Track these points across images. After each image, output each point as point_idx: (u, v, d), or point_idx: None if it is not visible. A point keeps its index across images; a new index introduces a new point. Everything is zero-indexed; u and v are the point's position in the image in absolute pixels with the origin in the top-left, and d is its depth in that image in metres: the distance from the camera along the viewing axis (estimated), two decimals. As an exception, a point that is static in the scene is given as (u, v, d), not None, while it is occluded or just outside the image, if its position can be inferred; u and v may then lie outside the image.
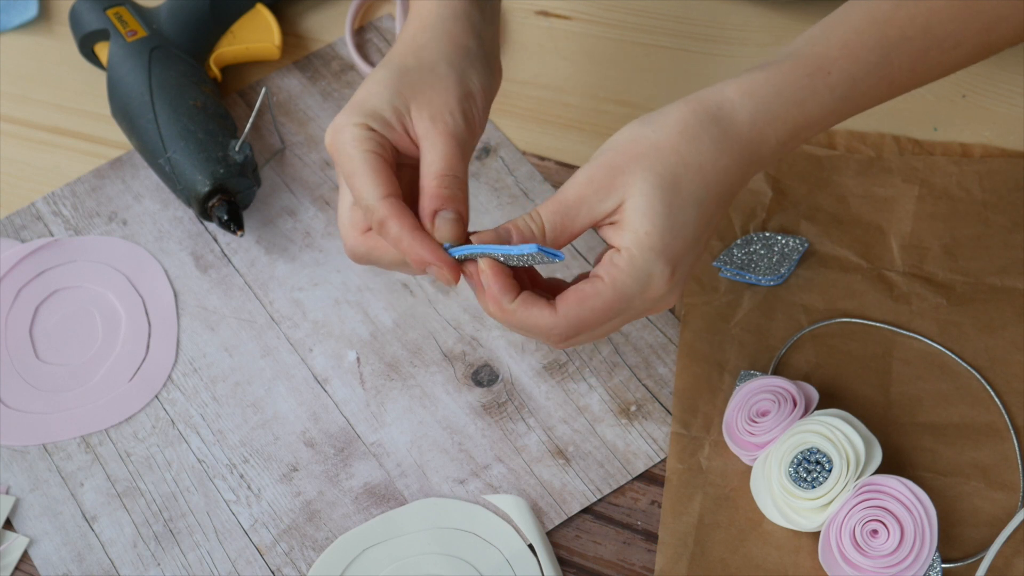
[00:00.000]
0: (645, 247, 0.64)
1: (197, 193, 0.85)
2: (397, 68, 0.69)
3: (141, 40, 0.90)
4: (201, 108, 0.87)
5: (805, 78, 0.66)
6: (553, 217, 0.65)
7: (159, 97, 0.87)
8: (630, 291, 0.65)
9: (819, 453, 0.72)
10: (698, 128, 0.65)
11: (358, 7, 0.98)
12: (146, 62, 0.89)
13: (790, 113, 0.66)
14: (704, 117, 0.65)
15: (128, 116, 0.88)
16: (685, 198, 0.65)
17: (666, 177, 0.64)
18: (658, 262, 0.64)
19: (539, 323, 0.65)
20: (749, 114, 0.66)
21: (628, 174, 0.64)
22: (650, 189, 0.64)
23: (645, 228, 0.64)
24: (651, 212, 0.64)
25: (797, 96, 0.66)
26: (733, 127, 0.66)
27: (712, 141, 0.65)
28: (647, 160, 0.64)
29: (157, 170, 0.87)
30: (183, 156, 0.85)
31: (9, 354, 0.84)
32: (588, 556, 0.75)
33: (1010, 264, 0.82)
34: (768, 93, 0.66)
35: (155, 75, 0.88)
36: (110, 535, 0.77)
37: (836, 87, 0.67)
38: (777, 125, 0.66)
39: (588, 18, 0.97)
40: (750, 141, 0.66)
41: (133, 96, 0.88)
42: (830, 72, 0.67)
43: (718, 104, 0.66)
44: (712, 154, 0.65)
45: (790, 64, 0.67)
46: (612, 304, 0.65)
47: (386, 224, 0.66)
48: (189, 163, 0.85)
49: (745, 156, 0.66)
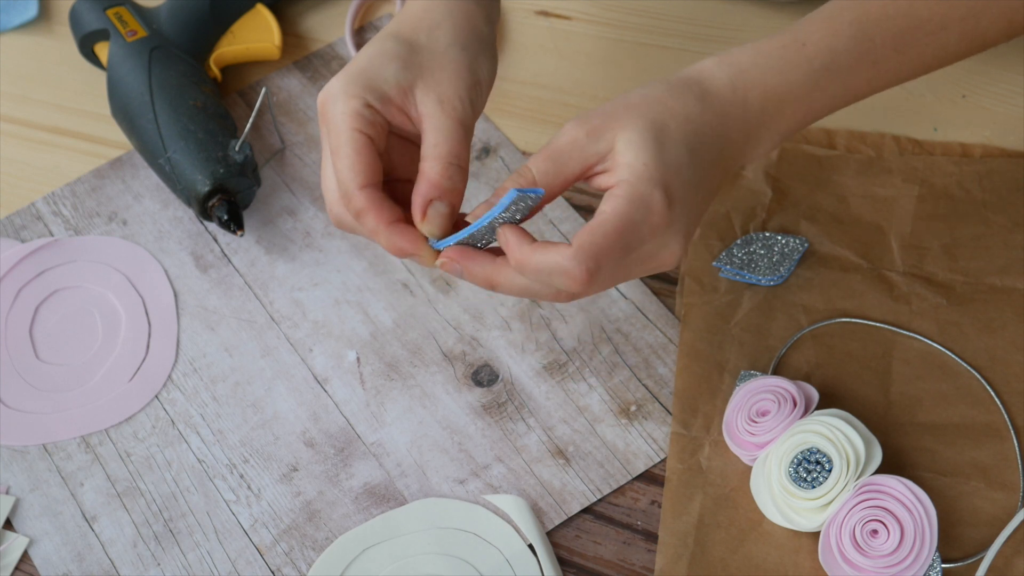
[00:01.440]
0: (641, 176, 0.64)
1: (197, 193, 0.85)
2: (407, 43, 0.69)
3: (141, 40, 0.90)
4: (201, 108, 0.87)
5: (780, 48, 0.69)
6: (544, 164, 0.65)
7: (159, 97, 0.87)
8: (634, 216, 0.64)
9: (819, 453, 0.72)
10: (682, 88, 0.67)
11: (358, 7, 0.98)
12: (146, 62, 0.89)
13: (768, 79, 0.68)
14: (687, 81, 0.68)
15: (128, 116, 0.88)
16: (676, 139, 0.66)
17: (656, 121, 0.66)
18: (655, 190, 0.64)
19: (559, 262, 0.63)
20: (728, 78, 0.68)
21: (619, 119, 0.65)
22: (643, 127, 0.65)
23: (642, 160, 0.64)
24: (644, 146, 0.65)
25: (775, 64, 0.68)
26: (713, 87, 0.68)
27: (696, 98, 0.67)
28: (637, 108, 0.66)
29: (157, 170, 0.87)
30: (183, 156, 0.85)
31: (9, 354, 0.84)
32: (588, 556, 0.75)
33: (1010, 264, 0.82)
34: (744, 61, 0.68)
35: (155, 75, 0.88)
36: (110, 535, 0.77)
37: (814, 58, 0.68)
38: (757, 91, 0.68)
39: (588, 18, 0.97)
40: (732, 103, 0.68)
41: (133, 96, 0.88)
42: (805, 44, 0.69)
43: (698, 71, 0.68)
44: (697, 108, 0.67)
45: (767, 38, 0.69)
46: (621, 230, 0.63)
47: (363, 216, 0.66)
48: (189, 163, 0.85)
49: (731, 116, 0.68)
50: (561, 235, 0.86)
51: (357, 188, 0.66)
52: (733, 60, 0.69)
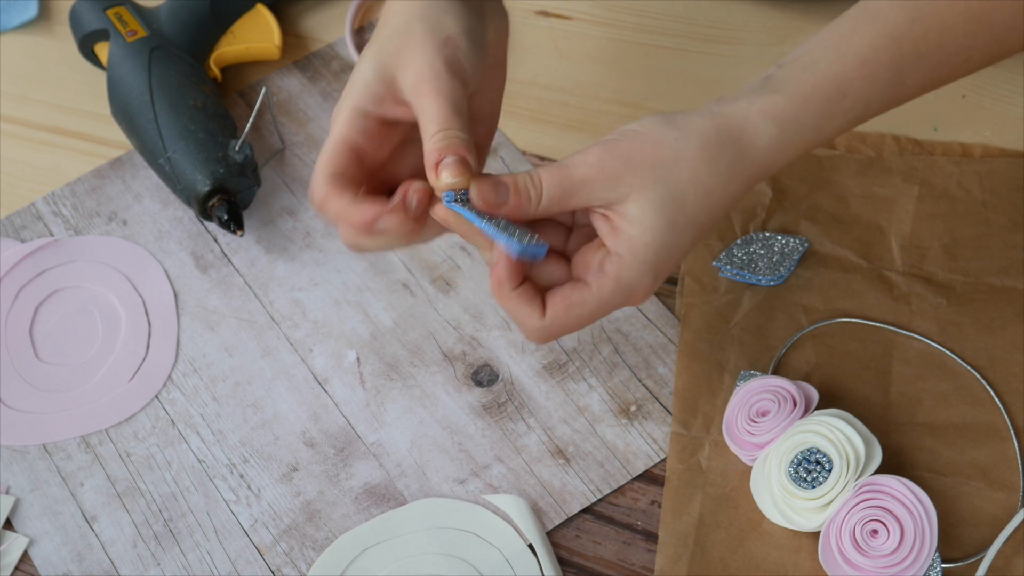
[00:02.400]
0: (639, 259, 0.65)
1: (197, 193, 0.85)
2: (376, 41, 0.68)
3: (141, 40, 0.90)
4: (201, 108, 0.87)
5: (824, 103, 0.66)
6: (554, 190, 0.65)
7: (159, 97, 0.87)
8: (615, 300, 0.66)
9: (819, 453, 0.72)
10: (717, 149, 0.65)
11: (358, 7, 0.98)
12: (146, 62, 0.89)
13: (806, 138, 0.67)
14: (725, 137, 0.65)
15: (128, 116, 0.88)
16: (688, 218, 0.65)
17: (675, 194, 0.64)
18: (647, 275, 0.65)
19: (527, 321, 0.66)
20: (768, 140, 0.66)
21: (640, 175, 0.64)
22: (659, 201, 0.64)
23: (644, 240, 0.64)
24: (652, 227, 0.64)
25: (816, 122, 0.67)
26: (751, 152, 0.66)
27: (728, 166, 0.65)
28: (663, 170, 0.64)
29: (157, 170, 0.87)
30: (183, 156, 0.85)
31: (9, 354, 0.84)
32: (588, 556, 0.75)
33: (1010, 264, 0.82)
34: (789, 120, 0.66)
35: (155, 75, 0.88)
36: (110, 535, 0.77)
37: (851, 110, 0.67)
38: (791, 151, 0.67)
39: (588, 18, 0.97)
40: (762, 166, 0.66)
41: (133, 96, 0.88)
42: (846, 95, 0.67)
43: (740, 127, 0.66)
44: (724, 179, 0.65)
45: (811, 85, 0.66)
46: (595, 312, 0.66)
47: (325, 204, 0.66)
48: (189, 163, 0.85)
49: (754, 179, 0.67)
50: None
51: (321, 179, 0.66)
52: (779, 116, 0.66)
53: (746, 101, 0.66)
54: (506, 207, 0.65)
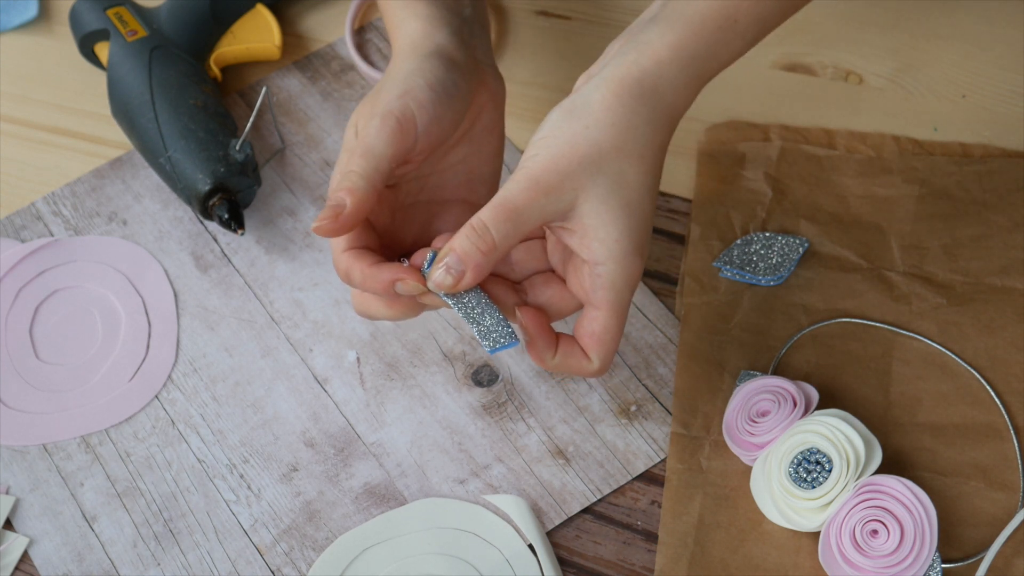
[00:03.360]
0: (619, 254, 0.65)
1: (198, 192, 0.85)
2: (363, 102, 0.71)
3: (141, 40, 0.90)
4: (201, 107, 0.87)
5: (717, 32, 0.67)
6: (504, 227, 0.65)
7: (159, 96, 0.87)
8: (625, 298, 0.67)
9: (819, 453, 0.72)
10: (630, 115, 0.66)
11: (358, 7, 0.98)
12: (146, 61, 0.89)
13: (706, 68, 0.67)
14: (630, 100, 0.66)
15: (128, 115, 0.88)
16: (638, 190, 0.66)
17: (616, 177, 0.65)
18: (634, 259, 0.66)
19: (582, 371, 0.69)
20: (671, 83, 0.66)
21: (576, 177, 0.65)
22: (604, 193, 0.65)
23: (614, 235, 0.65)
24: (614, 218, 0.65)
25: (712, 51, 0.67)
26: (660, 101, 0.66)
27: (646, 124, 0.66)
28: (592, 163, 0.65)
29: (157, 169, 0.87)
30: (184, 155, 0.85)
31: (9, 354, 0.84)
32: (588, 556, 0.75)
33: (1010, 264, 0.82)
34: (684, 58, 0.66)
35: (155, 74, 0.88)
36: (110, 535, 0.77)
37: (746, 32, 0.68)
38: (696, 84, 0.67)
39: (588, 18, 0.97)
40: (674, 106, 0.67)
41: (133, 95, 0.88)
42: (738, 20, 0.67)
43: (638, 80, 0.66)
44: (648, 136, 0.66)
45: (700, 19, 0.66)
46: (621, 320, 0.67)
47: (351, 274, 0.68)
48: (190, 162, 0.85)
49: (674, 121, 0.67)
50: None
51: (339, 253, 0.68)
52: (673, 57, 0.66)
53: (636, 52, 0.66)
54: (467, 277, 0.66)
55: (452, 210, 0.74)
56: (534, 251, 0.71)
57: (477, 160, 0.74)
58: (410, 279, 0.66)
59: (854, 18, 0.95)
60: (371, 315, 0.71)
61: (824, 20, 0.95)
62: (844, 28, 0.95)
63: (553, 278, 0.70)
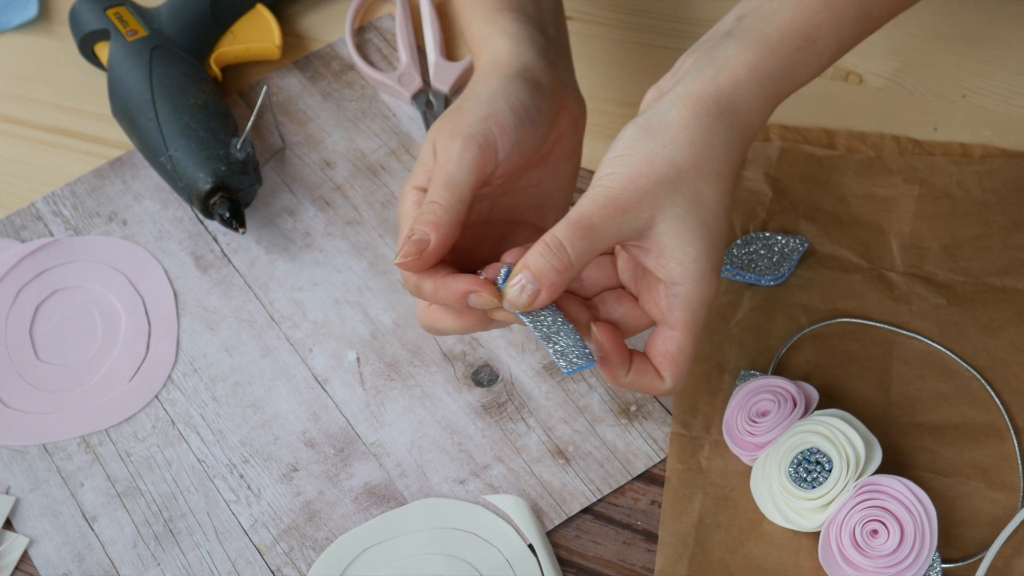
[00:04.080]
0: (697, 275, 0.64)
1: (199, 191, 0.85)
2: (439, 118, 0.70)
3: (142, 39, 0.90)
4: (202, 107, 0.87)
5: (795, 52, 0.66)
6: (581, 244, 0.63)
7: (160, 95, 0.87)
8: (700, 318, 0.65)
9: (819, 453, 0.72)
10: (707, 134, 0.64)
11: (358, 7, 0.98)
12: (147, 61, 0.89)
13: (782, 88, 0.66)
14: (707, 119, 0.65)
15: (129, 115, 0.88)
16: (715, 210, 0.64)
17: (692, 197, 0.64)
18: (711, 279, 0.65)
19: (653, 390, 0.67)
20: (747, 102, 0.65)
21: (653, 196, 0.63)
22: (682, 213, 0.63)
23: (691, 255, 0.64)
24: (692, 238, 0.64)
25: (789, 71, 0.66)
26: (736, 120, 0.65)
27: (723, 143, 0.65)
28: (669, 182, 0.64)
29: (158, 168, 0.87)
30: (184, 154, 0.85)
31: (9, 354, 0.84)
32: (588, 556, 0.75)
33: (1010, 264, 0.82)
34: (761, 77, 0.65)
35: (156, 73, 0.88)
36: (110, 535, 0.77)
37: (823, 53, 0.67)
38: (771, 104, 0.67)
39: (588, 18, 0.97)
40: (750, 125, 0.66)
41: (134, 95, 0.88)
42: (816, 41, 0.66)
43: (716, 99, 0.65)
44: (725, 155, 0.65)
45: (777, 37, 0.66)
46: (695, 340, 0.66)
47: (421, 286, 0.66)
48: (191, 161, 0.85)
49: (748, 141, 0.67)
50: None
51: None
52: (751, 77, 0.65)
53: (713, 69, 0.65)
54: (543, 296, 0.64)
55: (521, 232, 0.72)
56: (604, 268, 0.69)
57: (551, 186, 0.73)
58: (485, 292, 0.64)
59: (854, 18, 0.95)
60: (439, 329, 0.69)
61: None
62: (844, 28, 0.95)
63: (625, 295, 0.68)
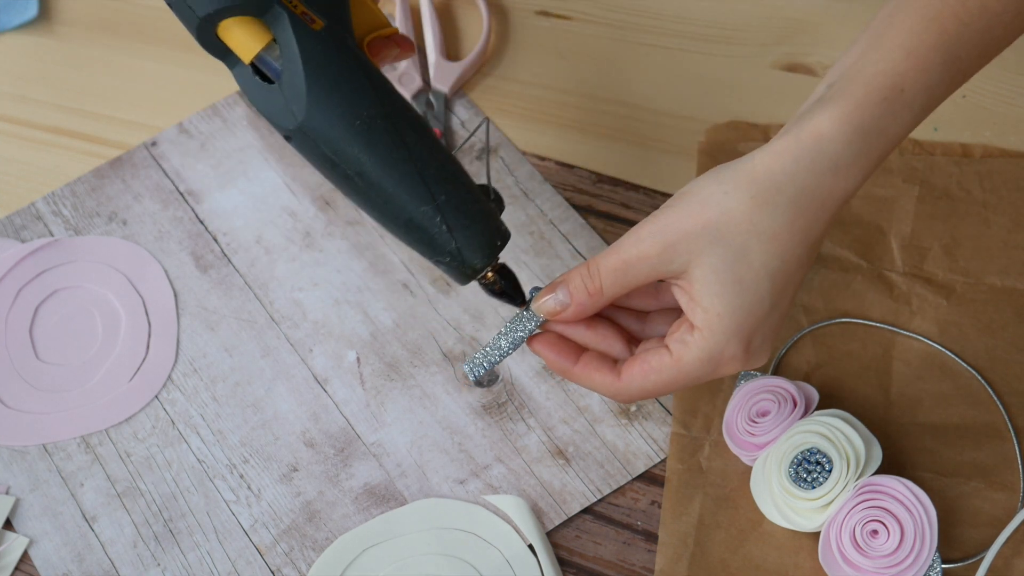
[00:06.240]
0: (717, 331, 0.62)
1: (471, 266, 0.66)
2: None
3: (329, 30, 0.63)
4: (440, 135, 0.69)
5: (883, 103, 0.62)
6: (612, 277, 0.64)
7: (396, 115, 0.63)
8: (697, 372, 0.64)
9: (819, 453, 0.72)
10: (774, 192, 0.61)
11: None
12: (354, 63, 0.63)
13: (874, 144, 0.62)
14: (780, 177, 0.61)
15: (355, 143, 0.62)
16: (757, 271, 0.62)
17: (736, 252, 0.61)
18: (731, 343, 0.63)
19: (603, 387, 0.67)
20: (832, 160, 0.61)
21: (693, 242, 0.62)
22: (719, 264, 0.61)
23: (716, 310, 0.62)
24: (722, 292, 0.62)
25: (879, 124, 0.62)
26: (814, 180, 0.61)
27: (789, 202, 0.61)
28: (714, 231, 0.61)
29: (388, 222, 0.64)
30: (458, 209, 0.64)
31: (9, 354, 0.84)
32: (588, 556, 0.75)
33: (1010, 264, 0.82)
34: (848, 132, 0.61)
35: (376, 80, 0.63)
36: (110, 535, 0.77)
37: (914, 102, 0.62)
38: (863, 162, 0.62)
39: (588, 18, 0.97)
40: (835, 188, 0.62)
41: (358, 115, 0.62)
42: (903, 89, 0.62)
43: (795, 157, 0.62)
44: (788, 217, 0.61)
45: (862, 92, 0.62)
46: (676, 380, 0.65)
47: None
48: (468, 220, 0.64)
49: (831, 205, 0.62)
50: (561, 235, 0.86)
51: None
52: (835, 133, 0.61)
53: (797, 128, 0.62)
54: (569, 312, 0.66)
55: None
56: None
57: None
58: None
59: (854, 18, 0.95)
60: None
61: (824, 20, 0.95)
62: (844, 28, 0.95)
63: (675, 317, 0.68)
